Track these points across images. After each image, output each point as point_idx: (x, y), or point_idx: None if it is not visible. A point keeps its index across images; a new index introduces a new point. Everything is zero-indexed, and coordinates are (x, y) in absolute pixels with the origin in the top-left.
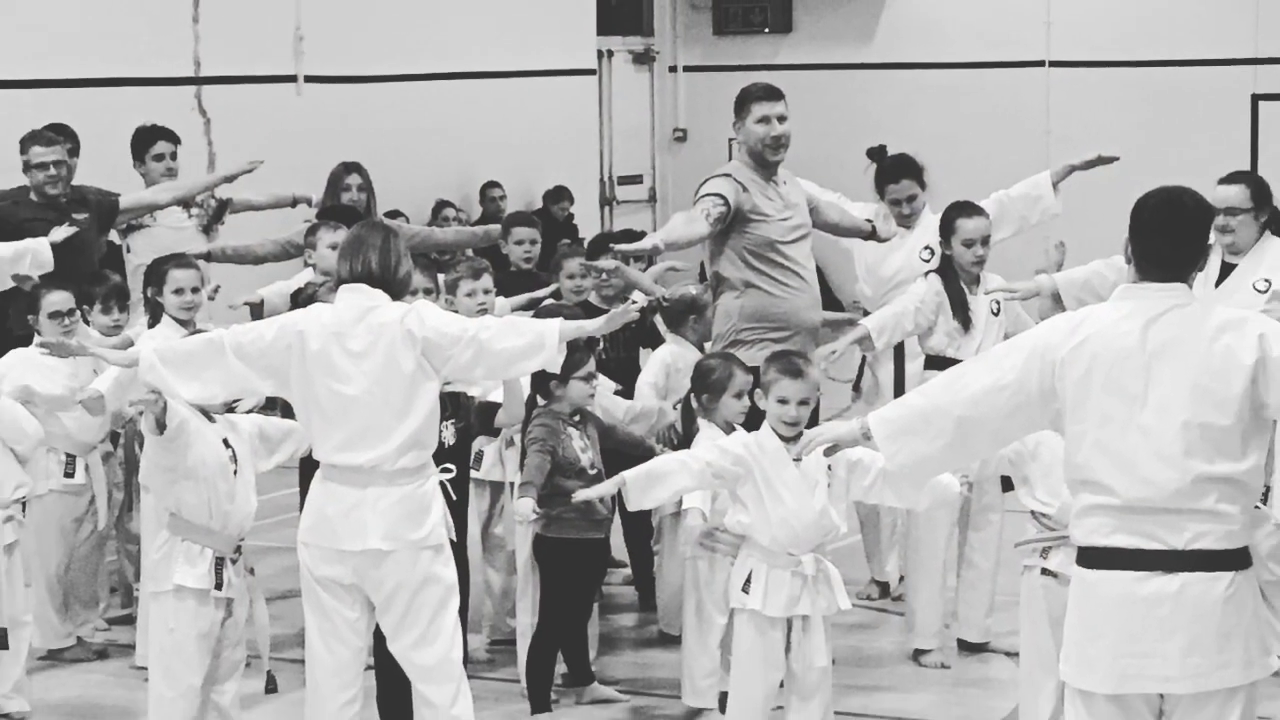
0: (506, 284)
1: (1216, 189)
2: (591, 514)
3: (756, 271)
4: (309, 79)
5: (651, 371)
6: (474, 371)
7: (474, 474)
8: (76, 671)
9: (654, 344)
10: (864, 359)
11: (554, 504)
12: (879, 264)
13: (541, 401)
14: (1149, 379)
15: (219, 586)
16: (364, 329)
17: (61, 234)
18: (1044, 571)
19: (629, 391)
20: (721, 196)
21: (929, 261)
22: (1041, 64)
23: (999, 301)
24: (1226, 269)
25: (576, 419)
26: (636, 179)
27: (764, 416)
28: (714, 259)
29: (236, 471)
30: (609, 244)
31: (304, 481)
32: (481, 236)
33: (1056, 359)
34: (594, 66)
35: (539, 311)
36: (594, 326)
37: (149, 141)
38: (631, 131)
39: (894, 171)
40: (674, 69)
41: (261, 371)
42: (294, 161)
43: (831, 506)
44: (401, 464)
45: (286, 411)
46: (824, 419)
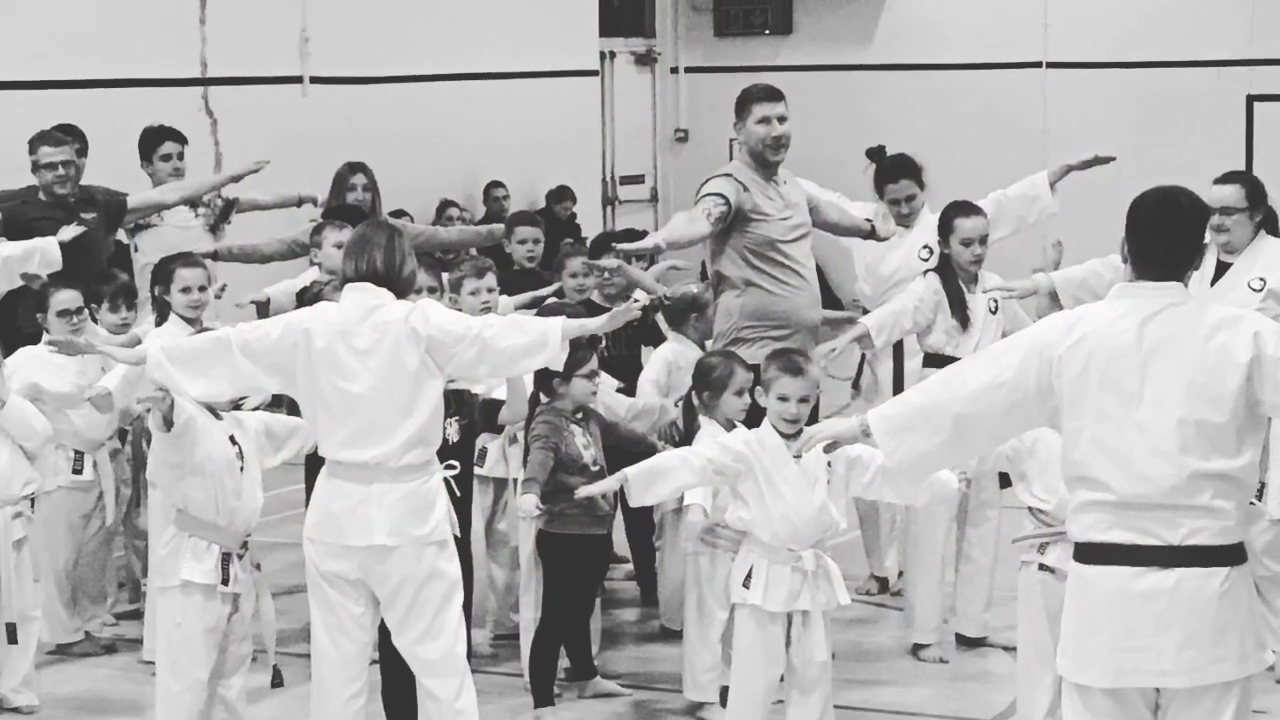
0: (510, 283)
1: (1212, 189)
2: (594, 510)
3: (757, 270)
4: (314, 80)
5: (653, 369)
6: (478, 369)
7: (478, 470)
8: (85, 666)
9: (656, 342)
10: (863, 357)
11: (557, 500)
12: (878, 263)
13: (544, 399)
14: (1145, 376)
15: (225, 582)
16: (369, 327)
17: (70, 233)
18: (1041, 567)
19: (631, 389)
20: (722, 196)
21: (927, 260)
22: (1039, 65)
23: (997, 300)
24: (1222, 268)
25: (579, 416)
26: (638, 179)
27: (764, 413)
28: (715, 258)
29: (243, 468)
30: (611, 243)
31: (310, 478)
32: (485, 236)
33: (1054, 357)
34: (596, 68)
35: (542, 310)
36: (596, 325)
37: (156, 142)
38: (633, 132)
39: (893, 171)
40: (675, 70)
41: (268, 369)
42: (300, 161)
43: (831, 503)
44: (406, 460)
45: (292, 409)
46: (824, 416)
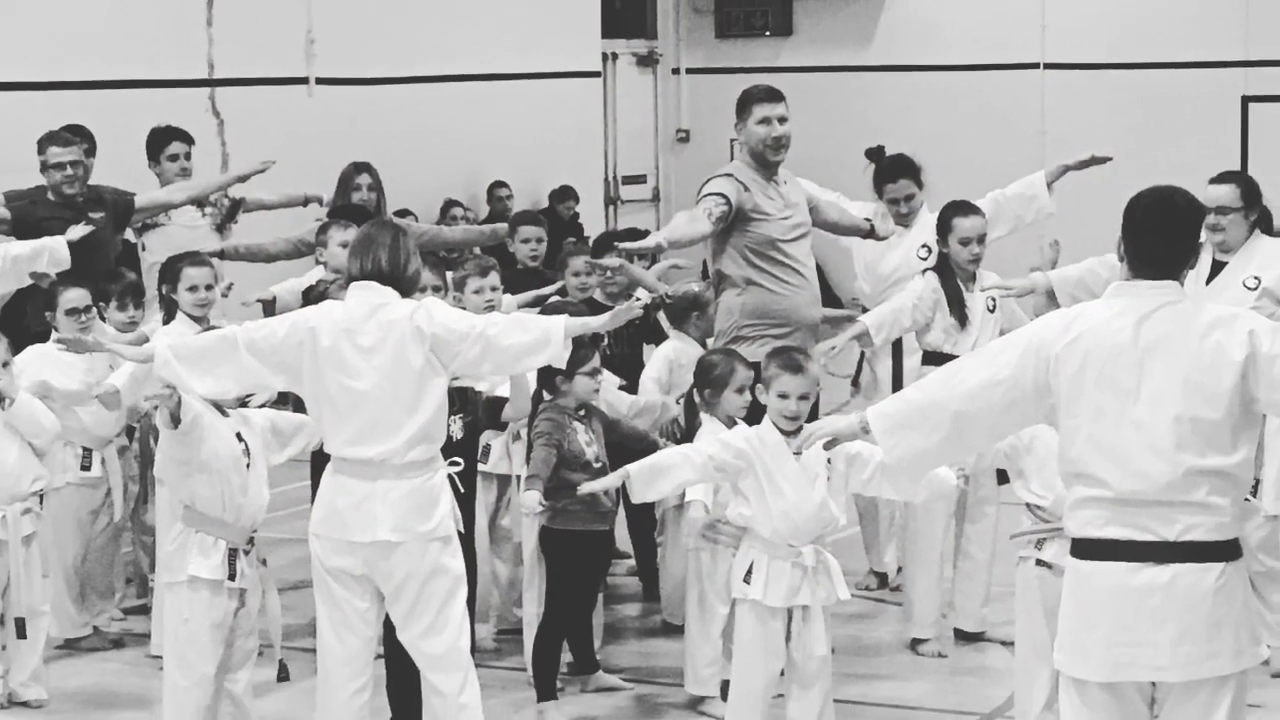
0: (513, 281)
1: (1207, 188)
2: (596, 506)
3: (758, 269)
4: (320, 81)
5: (655, 367)
6: (481, 367)
7: (481, 467)
8: (93, 660)
9: (657, 340)
10: (863, 355)
11: (560, 496)
12: (877, 262)
13: (547, 396)
14: (1141, 374)
15: (232, 577)
16: (374, 325)
17: (78, 232)
18: (1039, 562)
19: (633, 387)
20: (723, 196)
21: (926, 259)
22: (1036, 66)
23: (995, 298)
24: (1217, 267)
25: (582, 413)
26: (640, 179)
27: (765, 411)
28: (716, 257)
29: (249, 465)
30: (613, 242)
31: (315, 475)
32: (489, 235)
33: (1051, 355)
34: (599, 69)
35: (545, 308)
36: (599, 323)
37: (164, 142)
38: (635, 132)
39: (892, 171)
40: (677, 71)
41: (274, 367)
42: (305, 161)
43: (831, 499)
44: (410, 457)
45: (298, 406)
46: (824, 414)
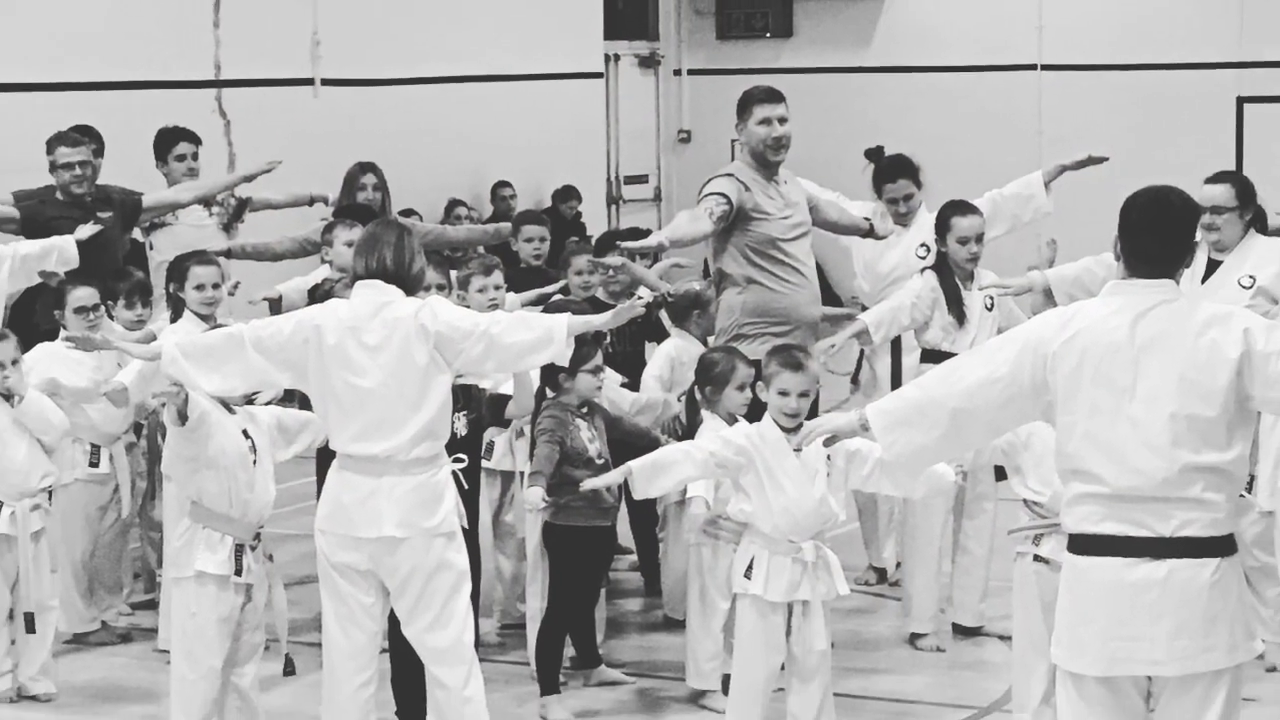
0: (516, 280)
1: (1203, 188)
2: (599, 502)
3: (758, 268)
4: (326, 82)
5: (657, 365)
6: (485, 365)
7: (485, 464)
8: (101, 654)
9: (659, 338)
10: (862, 353)
11: (562, 493)
12: (877, 261)
13: (550, 394)
14: (1137, 372)
15: (239, 572)
16: (379, 324)
17: (87, 232)
18: (1036, 558)
19: (635, 384)
20: (724, 195)
21: (925, 258)
22: (1033, 68)
23: (992, 297)
24: (1212, 265)
25: (584, 411)
26: (642, 179)
27: (765, 408)
28: (717, 256)
29: (256, 461)
30: (616, 241)
31: (321, 471)
32: (492, 234)
33: (1048, 352)
34: (601, 70)
35: (548, 307)
36: (601, 321)
37: (171, 142)
38: (637, 133)
39: (891, 171)
40: (678, 72)
41: (280, 365)
42: (311, 162)
43: (830, 495)
44: (415, 454)
45: (304, 403)
46: (823, 411)
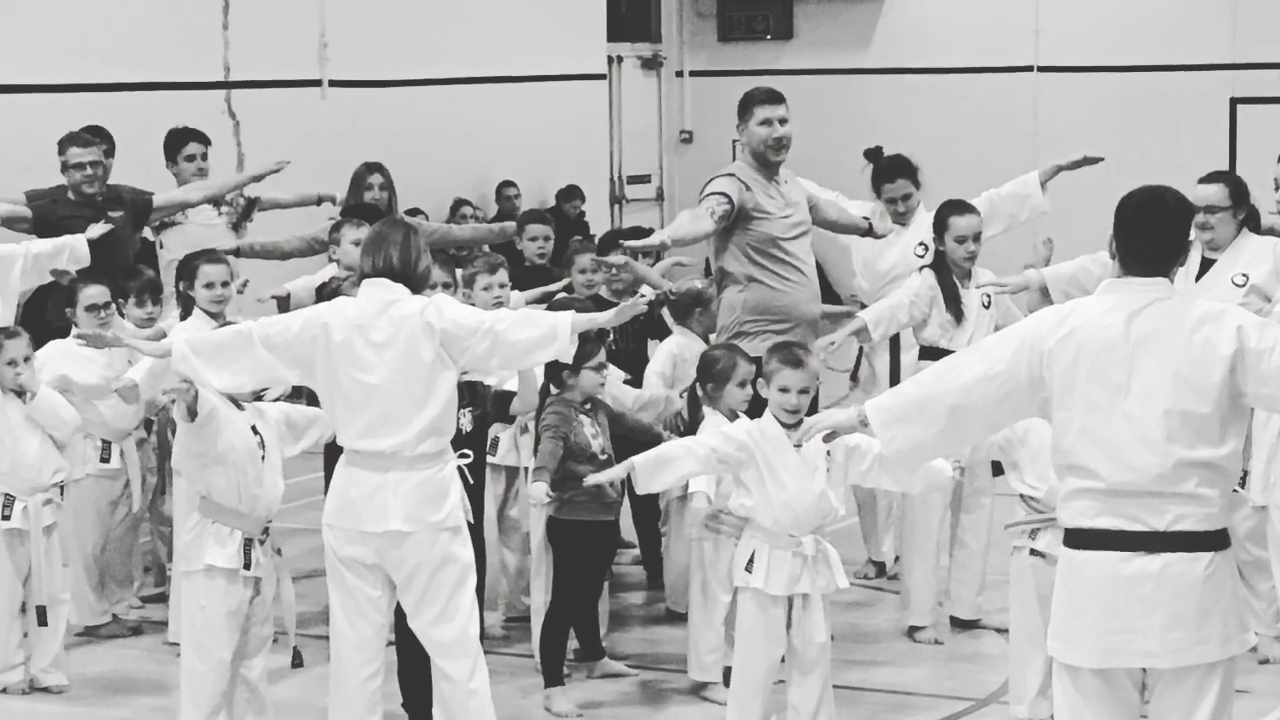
0: (521, 278)
1: (1197, 188)
2: (602, 497)
3: (759, 266)
4: (333, 83)
5: (659, 362)
6: (490, 361)
7: (490, 459)
8: (112, 647)
9: (661, 335)
10: (861, 350)
11: (566, 488)
12: (875, 259)
13: (554, 390)
14: (1132, 368)
15: (247, 566)
16: (385, 321)
17: (98, 231)
18: (1033, 552)
19: (638, 381)
20: (726, 195)
21: (923, 257)
22: (1030, 69)
23: (990, 295)
24: (1206, 264)
25: (588, 407)
26: (645, 179)
27: (766, 404)
28: (718, 254)
29: (264, 457)
30: (619, 240)
31: (328, 466)
32: (497, 233)
33: (1044, 349)
34: (604, 71)
35: (552, 305)
36: (604, 319)
37: (181, 143)
38: (640, 133)
39: (890, 171)
40: (680, 74)
41: (288, 361)
42: (319, 162)
43: (830, 490)
44: (421, 450)
45: (312, 400)
46: (823, 407)
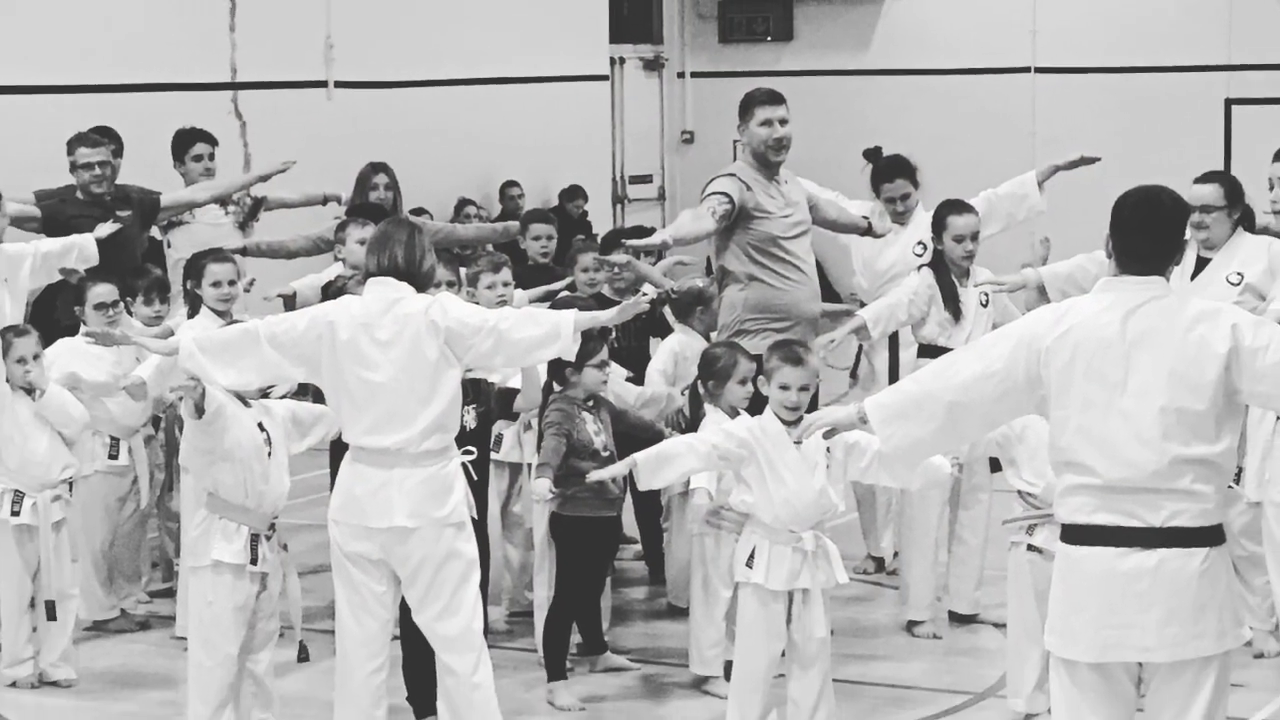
0: (524, 277)
1: (1192, 188)
2: (605, 493)
3: (760, 265)
4: (339, 84)
5: (661, 359)
6: (494, 359)
7: (494, 456)
8: (120, 641)
9: (663, 333)
10: (861, 348)
11: (569, 484)
12: (875, 258)
13: (557, 388)
14: (1128, 366)
15: (254, 562)
16: (390, 319)
17: (106, 230)
18: (1030, 548)
19: (640, 378)
20: (726, 195)
21: (922, 256)
22: (1028, 70)
23: (987, 293)
24: (1201, 263)
25: (590, 404)
26: (646, 179)
27: (767, 402)
28: (719, 253)
29: (270, 453)
30: (621, 240)
31: (334, 463)
32: (501, 232)
33: (1042, 348)
34: (607, 73)
35: (555, 303)
36: (607, 317)
37: (188, 143)
38: (642, 134)
39: (889, 171)
40: (682, 75)
41: (294, 359)
42: (325, 162)
43: (830, 486)
44: (426, 446)
45: (318, 397)
46: (823, 404)
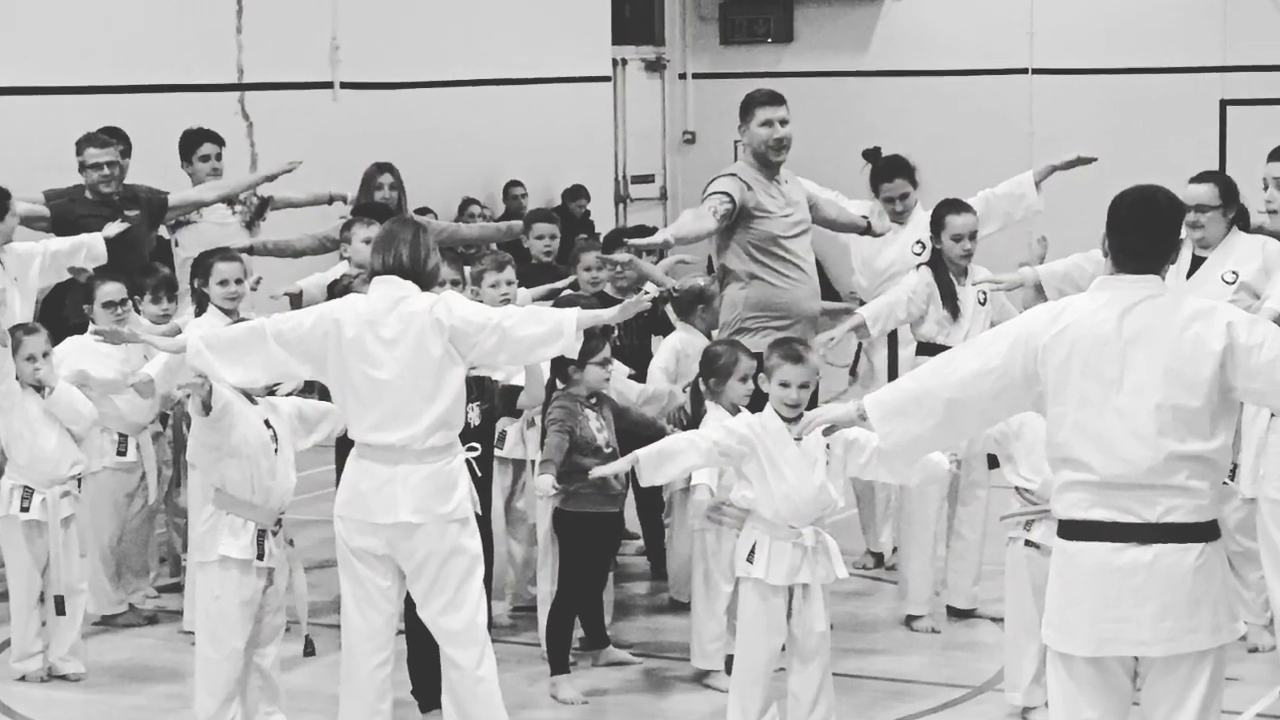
0: (528, 276)
1: (1187, 187)
2: (607, 489)
3: (760, 264)
4: (345, 85)
5: (662, 357)
6: (498, 357)
7: (498, 452)
8: (128, 636)
9: (665, 332)
10: (860, 345)
11: (572, 480)
12: (874, 257)
13: (560, 385)
14: (1125, 364)
15: (261, 557)
16: (395, 318)
17: (114, 229)
18: (1027, 543)
19: (642, 376)
20: (727, 194)
21: (920, 255)
22: (1025, 71)
23: (985, 292)
24: (1197, 262)
25: (593, 401)
26: (648, 178)
27: (767, 399)
28: (720, 252)
29: (277, 450)
30: (623, 239)
31: (340, 459)
32: (505, 232)
33: (1039, 345)
34: (609, 74)
35: (558, 302)
36: (609, 315)
37: (196, 143)
38: (644, 134)
39: (888, 171)
40: (683, 76)
41: (300, 357)
42: (330, 162)
43: (830, 482)
44: (430, 443)
45: (324, 394)
46: (822, 401)
